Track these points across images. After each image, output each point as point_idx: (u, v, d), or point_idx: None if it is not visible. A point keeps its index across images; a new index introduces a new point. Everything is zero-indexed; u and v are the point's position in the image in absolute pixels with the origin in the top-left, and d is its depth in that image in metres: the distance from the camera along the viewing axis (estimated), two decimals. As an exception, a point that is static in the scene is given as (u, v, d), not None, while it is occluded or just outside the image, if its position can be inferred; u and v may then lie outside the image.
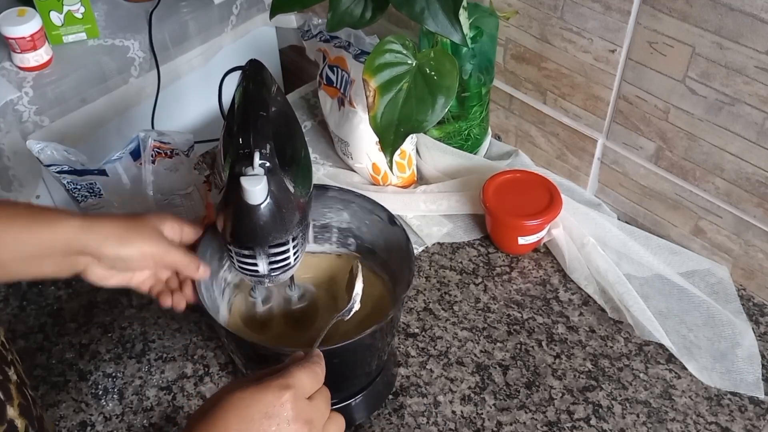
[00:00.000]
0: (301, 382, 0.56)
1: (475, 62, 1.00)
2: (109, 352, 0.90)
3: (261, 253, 0.71)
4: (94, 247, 0.67)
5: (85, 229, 0.67)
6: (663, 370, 0.87)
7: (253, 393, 0.54)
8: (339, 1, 0.90)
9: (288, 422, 0.54)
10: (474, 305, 0.94)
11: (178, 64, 1.43)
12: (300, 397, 0.55)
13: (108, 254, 0.68)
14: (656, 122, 0.93)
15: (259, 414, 0.53)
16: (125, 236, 0.69)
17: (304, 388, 0.56)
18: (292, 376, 0.56)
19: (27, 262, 0.66)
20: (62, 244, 0.66)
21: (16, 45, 1.23)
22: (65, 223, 0.66)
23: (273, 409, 0.54)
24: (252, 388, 0.54)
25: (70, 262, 0.68)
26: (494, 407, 0.84)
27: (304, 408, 0.55)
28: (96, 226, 0.68)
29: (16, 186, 1.28)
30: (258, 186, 0.65)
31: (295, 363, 0.58)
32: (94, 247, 0.67)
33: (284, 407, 0.54)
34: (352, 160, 1.09)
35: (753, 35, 0.78)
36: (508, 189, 0.99)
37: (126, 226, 0.70)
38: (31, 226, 0.65)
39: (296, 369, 0.57)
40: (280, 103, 0.73)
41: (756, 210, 0.89)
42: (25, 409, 0.56)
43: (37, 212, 0.66)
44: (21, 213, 0.65)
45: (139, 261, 0.71)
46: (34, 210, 0.67)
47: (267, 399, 0.54)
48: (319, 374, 0.58)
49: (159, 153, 0.92)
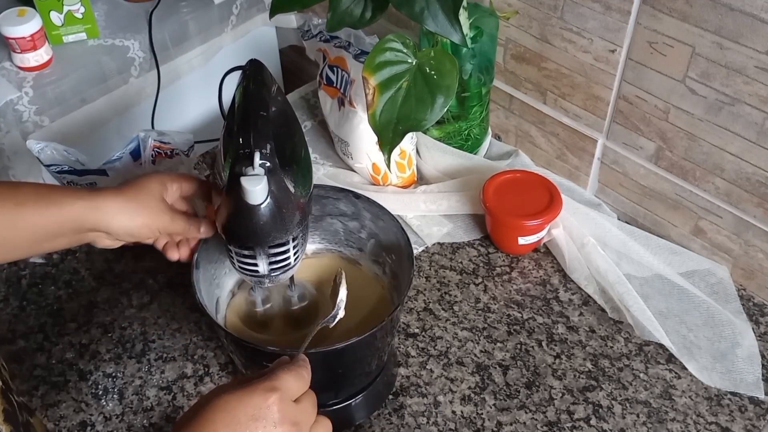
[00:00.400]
0: (287, 385, 0.57)
1: (475, 62, 1.00)
2: (109, 352, 0.90)
3: (261, 254, 0.71)
4: (104, 224, 0.70)
5: (92, 207, 0.70)
6: (663, 370, 0.87)
7: (239, 396, 0.54)
8: (339, 1, 0.90)
9: (274, 424, 0.54)
10: (474, 305, 0.94)
11: (178, 64, 1.43)
12: (286, 399, 0.56)
13: (117, 230, 0.72)
14: (656, 122, 0.93)
15: (245, 417, 0.54)
16: (131, 211, 0.72)
17: (290, 391, 0.57)
18: (278, 378, 0.56)
19: (40, 242, 0.69)
20: (72, 223, 0.69)
21: (16, 45, 1.23)
22: (72, 203, 0.69)
23: (259, 411, 0.54)
24: (238, 391, 0.55)
25: (81, 237, 0.72)
26: (494, 407, 0.84)
27: (290, 410, 0.56)
28: (101, 203, 0.70)
29: (16, 186, 1.28)
30: (258, 186, 0.65)
31: (281, 366, 0.59)
32: (104, 224, 0.70)
33: (270, 409, 0.54)
34: (352, 160, 1.09)
35: (753, 35, 0.78)
36: (508, 189, 0.99)
37: (130, 200, 0.72)
38: (41, 209, 0.67)
39: (282, 372, 0.57)
40: (280, 103, 0.72)
41: (756, 210, 0.89)
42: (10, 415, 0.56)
43: (44, 194, 0.69)
44: (29, 196, 0.68)
45: (146, 233, 0.74)
46: (40, 192, 0.69)
47: (253, 401, 0.54)
48: (305, 377, 0.59)
49: (159, 153, 0.92)
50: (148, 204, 0.73)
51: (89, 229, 0.71)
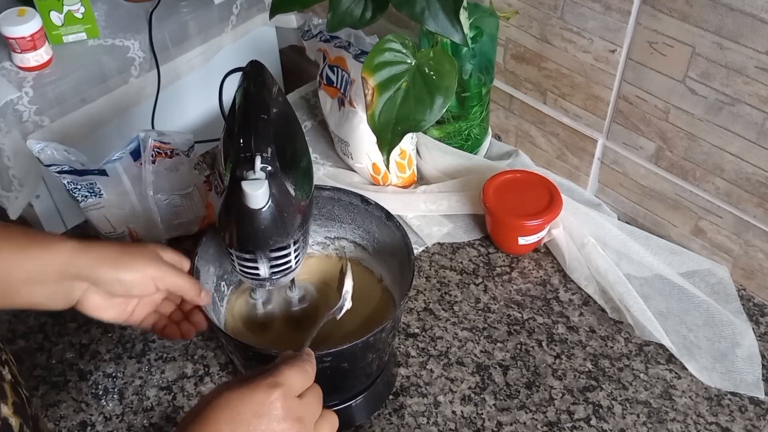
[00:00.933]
0: (290, 381, 0.56)
1: (475, 62, 1.00)
2: (109, 352, 0.90)
3: (262, 257, 0.71)
4: (90, 270, 0.64)
5: (80, 251, 0.64)
6: (663, 370, 0.87)
7: (242, 393, 0.54)
8: (339, 1, 0.90)
9: (278, 421, 0.54)
10: (474, 305, 0.94)
11: (178, 64, 1.43)
12: (289, 395, 0.55)
13: (105, 277, 0.65)
14: (656, 122, 0.93)
15: (249, 413, 0.53)
16: (123, 259, 0.66)
17: (294, 386, 0.56)
18: (281, 374, 0.56)
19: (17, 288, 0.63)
20: (56, 268, 0.63)
21: (16, 45, 1.23)
22: (59, 246, 0.63)
23: (262, 408, 0.53)
24: (242, 388, 0.54)
25: (65, 289, 0.65)
26: (494, 407, 0.84)
27: (294, 406, 0.55)
28: (92, 248, 0.65)
29: (16, 186, 1.28)
30: (259, 190, 0.65)
31: (285, 361, 0.58)
32: (90, 270, 0.64)
33: (273, 406, 0.54)
34: (352, 160, 1.09)
35: (753, 35, 0.78)
36: (508, 189, 0.99)
37: (123, 250, 0.67)
38: (24, 248, 0.62)
39: (285, 367, 0.57)
40: (281, 105, 0.72)
41: (756, 210, 0.89)
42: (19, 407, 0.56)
43: (31, 235, 0.64)
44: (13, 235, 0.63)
45: (139, 284, 0.67)
46: (27, 233, 0.64)
47: (257, 398, 0.54)
48: (309, 372, 0.58)
49: (159, 153, 0.92)
50: (142, 254, 0.68)
51: (74, 276, 0.64)
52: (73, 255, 0.64)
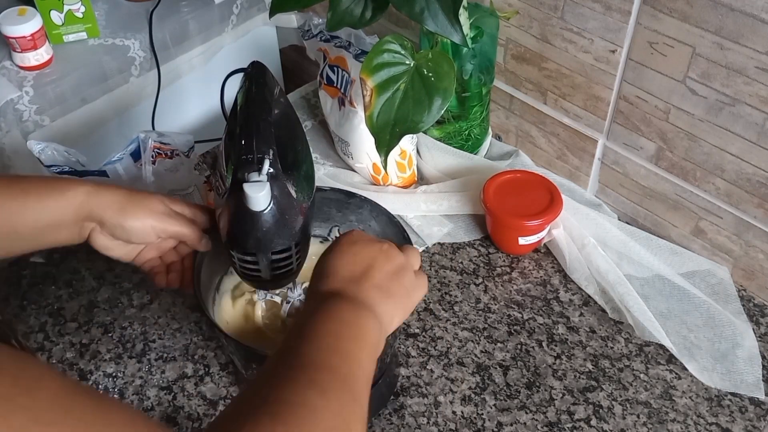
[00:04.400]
0: (414, 255, 0.65)
1: (476, 62, 1.00)
2: (109, 352, 0.90)
3: (263, 259, 0.70)
4: (98, 212, 0.69)
5: (93, 194, 0.69)
6: (663, 370, 0.87)
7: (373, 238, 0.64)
8: (339, 1, 0.90)
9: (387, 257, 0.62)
10: (474, 305, 0.94)
11: (178, 64, 1.43)
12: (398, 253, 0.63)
13: (110, 222, 0.70)
14: (657, 123, 0.93)
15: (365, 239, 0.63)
16: (127, 207, 0.70)
17: (414, 261, 0.65)
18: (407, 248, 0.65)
19: (44, 231, 0.68)
20: (72, 210, 0.68)
21: (16, 44, 1.23)
22: (75, 190, 0.68)
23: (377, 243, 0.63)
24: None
25: (79, 228, 0.70)
26: (495, 408, 0.84)
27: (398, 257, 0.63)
28: (102, 192, 0.69)
29: (16, 185, 1.28)
30: (261, 193, 0.65)
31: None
32: (98, 212, 0.69)
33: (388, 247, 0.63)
34: (353, 160, 1.09)
35: (753, 35, 0.78)
36: (508, 189, 0.99)
37: (129, 198, 0.71)
38: (46, 197, 0.67)
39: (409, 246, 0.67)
40: (282, 106, 0.72)
41: (756, 211, 0.89)
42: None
43: (50, 183, 0.68)
44: (34, 186, 0.68)
45: (139, 232, 0.71)
46: (47, 181, 0.69)
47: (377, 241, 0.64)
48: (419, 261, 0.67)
49: (159, 154, 0.92)
50: (146, 204, 0.72)
51: (86, 217, 0.69)
52: (88, 197, 0.68)
